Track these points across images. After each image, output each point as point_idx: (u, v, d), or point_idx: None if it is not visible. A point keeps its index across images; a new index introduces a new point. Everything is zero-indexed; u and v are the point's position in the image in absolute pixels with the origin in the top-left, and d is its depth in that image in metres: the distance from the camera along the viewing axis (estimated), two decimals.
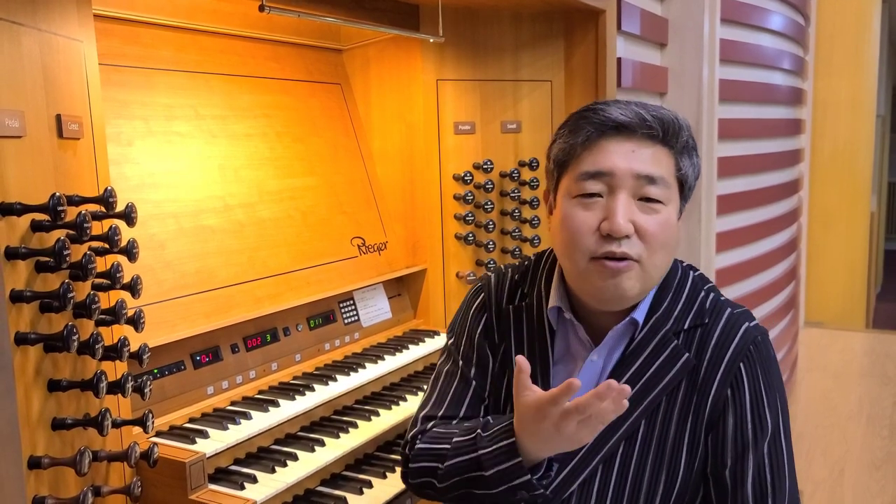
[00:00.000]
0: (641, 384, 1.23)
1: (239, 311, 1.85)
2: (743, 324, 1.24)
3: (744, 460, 1.19)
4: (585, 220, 1.19)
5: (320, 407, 1.83)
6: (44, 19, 1.24)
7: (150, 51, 1.86)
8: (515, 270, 1.41)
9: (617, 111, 1.20)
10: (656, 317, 1.24)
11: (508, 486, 1.17)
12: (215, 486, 1.51)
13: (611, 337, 1.26)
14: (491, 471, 1.18)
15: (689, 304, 1.26)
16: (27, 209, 1.15)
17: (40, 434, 1.20)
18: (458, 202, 2.39)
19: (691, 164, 1.25)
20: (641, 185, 1.18)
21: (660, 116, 1.20)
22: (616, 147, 1.19)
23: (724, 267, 3.43)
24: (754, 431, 1.20)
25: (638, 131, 1.19)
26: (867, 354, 5.31)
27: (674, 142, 1.21)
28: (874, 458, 3.65)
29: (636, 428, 1.23)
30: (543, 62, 2.46)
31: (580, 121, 1.23)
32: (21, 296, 1.14)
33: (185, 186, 1.84)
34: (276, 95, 2.18)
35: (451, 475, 1.25)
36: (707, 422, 1.21)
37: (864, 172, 5.94)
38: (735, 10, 3.40)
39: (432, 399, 1.38)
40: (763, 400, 1.21)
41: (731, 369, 1.21)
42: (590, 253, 1.19)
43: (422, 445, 1.31)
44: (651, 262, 1.19)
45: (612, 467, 1.23)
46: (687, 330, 1.24)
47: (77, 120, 1.31)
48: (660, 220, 1.19)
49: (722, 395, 1.21)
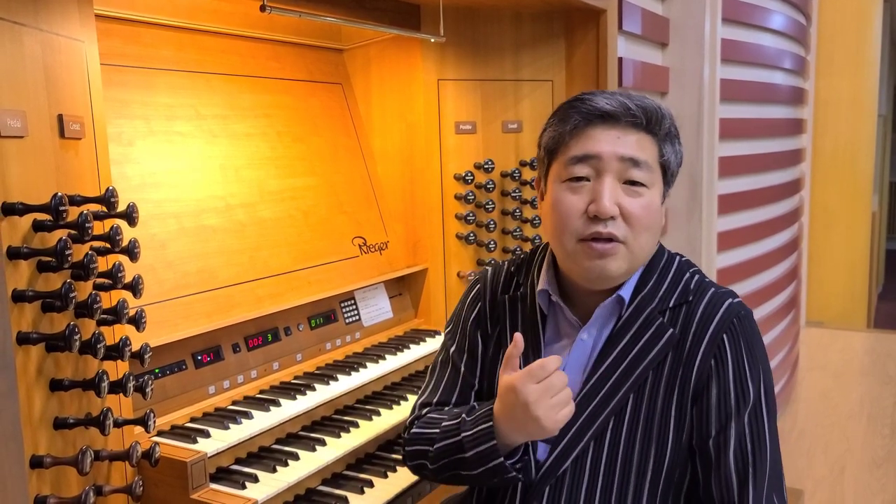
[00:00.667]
0: (629, 360, 1.28)
1: (240, 310, 1.86)
2: (727, 300, 1.29)
3: (726, 430, 1.23)
4: (574, 203, 1.26)
5: (321, 406, 1.83)
6: (45, 19, 1.25)
7: (150, 51, 1.86)
8: (512, 263, 1.49)
9: (603, 101, 1.27)
10: (642, 296, 1.30)
11: (485, 468, 1.24)
12: (217, 486, 1.51)
13: (599, 315, 1.31)
14: (470, 452, 1.25)
15: (674, 284, 1.32)
16: (29, 209, 1.16)
17: (42, 433, 1.20)
18: (459, 202, 2.39)
19: (674, 151, 1.31)
20: (626, 168, 1.25)
21: (643, 105, 1.27)
22: (602, 134, 1.26)
23: (726, 267, 3.43)
24: (737, 401, 1.23)
25: (622, 119, 1.26)
26: (868, 354, 5.31)
27: (657, 129, 1.28)
28: (875, 457, 3.65)
29: (625, 403, 1.27)
30: (544, 62, 2.46)
31: (569, 110, 1.30)
32: (23, 295, 1.15)
33: (186, 186, 1.84)
34: (276, 95, 2.18)
35: (440, 457, 1.32)
36: (693, 393, 1.25)
37: (866, 172, 5.94)
38: (736, 10, 3.40)
39: (429, 388, 1.48)
40: (745, 371, 1.24)
41: (714, 340, 1.25)
42: (578, 234, 1.26)
43: (415, 430, 1.41)
44: (636, 243, 1.26)
45: (603, 443, 1.27)
46: (672, 308, 1.29)
47: (78, 120, 1.32)
48: (643, 202, 1.26)
49: (706, 366, 1.25)
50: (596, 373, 1.29)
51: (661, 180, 1.30)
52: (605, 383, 1.28)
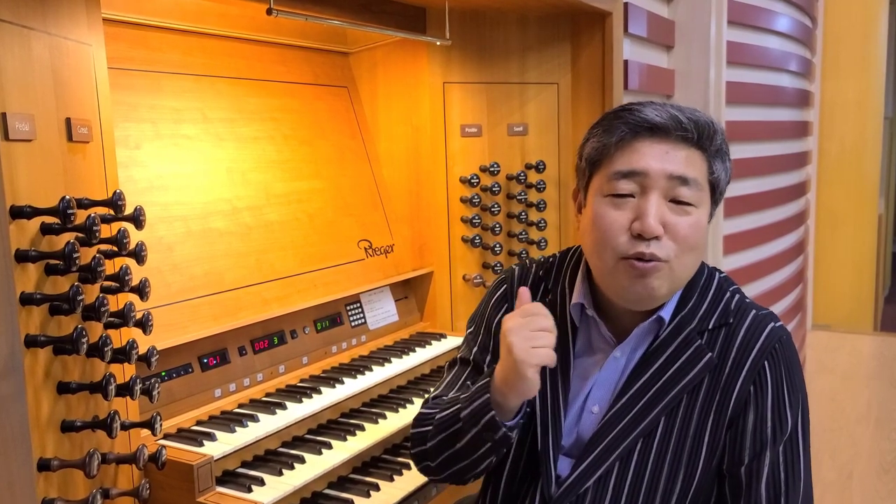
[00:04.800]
0: (663, 382, 1.23)
1: (246, 313, 1.86)
2: (769, 324, 1.24)
3: (760, 458, 1.19)
4: (617, 219, 1.20)
5: (327, 409, 1.83)
6: (54, 23, 1.25)
7: (157, 54, 1.87)
8: (540, 266, 1.42)
9: (652, 112, 1.20)
10: (681, 316, 1.25)
11: (476, 428, 1.19)
12: (223, 489, 1.51)
13: (636, 335, 1.27)
14: (464, 412, 1.21)
15: (714, 304, 1.27)
16: (37, 212, 1.16)
17: (50, 436, 1.21)
18: (465, 205, 2.39)
19: (724, 168, 1.25)
20: (674, 187, 1.19)
21: (695, 119, 1.21)
22: (650, 148, 1.20)
23: (732, 269, 3.42)
24: (773, 430, 1.20)
25: (672, 133, 1.20)
26: (875, 357, 5.28)
27: (707, 144, 1.22)
28: (883, 462, 3.63)
29: (655, 425, 1.23)
30: (550, 65, 2.46)
31: (615, 120, 1.23)
32: (31, 298, 1.15)
33: (193, 189, 1.85)
34: (283, 98, 2.18)
35: (438, 432, 1.28)
36: (729, 419, 1.21)
37: (872, 174, 5.92)
38: (742, 13, 3.39)
39: (444, 383, 1.43)
40: (785, 399, 1.21)
41: (755, 367, 1.21)
42: (620, 252, 1.19)
43: (420, 412, 1.37)
44: (680, 263, 1.20)
45: (630, 464, 1.23)
46: (711, 329, 1.25)
47: (86, 123, 1.32)
48: (690, 221, 1.20)
49: (745, 392, 1.21)
50: (627, 392, 1.24)
51: (709, 198, 1.24)
52: (635, 404, 1.23)
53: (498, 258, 2.45)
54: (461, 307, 2.43)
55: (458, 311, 2.44)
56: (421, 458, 1.36)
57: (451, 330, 2.42)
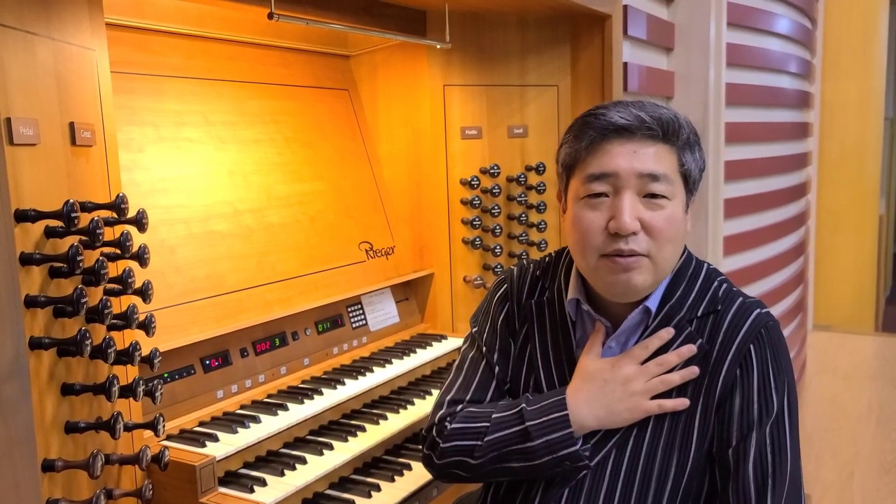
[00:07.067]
0: None
1: (248, 315, 1.87)
2: (755, 310, 1.28)
3: (747, 440, 1.22)
4: (594, 219, 1.25)
5: (329, 410, 1.84)
6: (57, 29, 1.26)
7: (159, 58, 1.88)
8: (537, 266, 1.47)
9: (617, 114, 1.24)
10: (670, 305, 1.29)
11: (554, 456, 1.24)
12: (225, 489, 1.52)
13: (626, 326, 1.31)
14: (538, 440, 1.25)
15: (702, 293, 1.31)
16: (41, 216, 1.17)
17: (54, 437, 1.22)
18: (465, 206, 2.40)
19: (694, 159, 1.29)
20: (645, 184, 1.23)
21: (658, 116, 1.24)
22: (618, 149, 1.24)
23: (732, 270, 3.42)
24: (759, 412, 1.22)
25: (638, 133, 1.24)
26: (876, 357, 5.28)
27: (674, 139, 1.26)
28: (884, 462, 3.63)
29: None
30: (549, 67, 2.47)
31: (583, 126, 1.28)
32: (35, 301, 1.16)
33: (195, 192, 1.86)
34: (284, 101, 2.20)
35: (491, 450, 1.29)
36: (717, 403, 1.25)
37: (873, 175, 5.92)
38: (741, 14, 3.40)
39: (457, 383, 1.44)
40: (771, 382, 1.23)
41: (741, 350, 1.24)
42: (600, 251, 1.24)
43: (456, 425, 1.35)
44: (660, 255, 1.24)
45: (625, 451, 1.27)
46: (700, 317, 1.28)
47: (89, 127, 1.33)
48: (665, 215, 1.24)
49: (731, 375, 1.24)
50: None
51: (683, 189, 1.28)
52: None
53: (498, 260, 2.46)
54: (462, 309, 2.44)
55: (458, 312, 2.45)
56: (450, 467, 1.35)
57: (452, 331, 2.43)
